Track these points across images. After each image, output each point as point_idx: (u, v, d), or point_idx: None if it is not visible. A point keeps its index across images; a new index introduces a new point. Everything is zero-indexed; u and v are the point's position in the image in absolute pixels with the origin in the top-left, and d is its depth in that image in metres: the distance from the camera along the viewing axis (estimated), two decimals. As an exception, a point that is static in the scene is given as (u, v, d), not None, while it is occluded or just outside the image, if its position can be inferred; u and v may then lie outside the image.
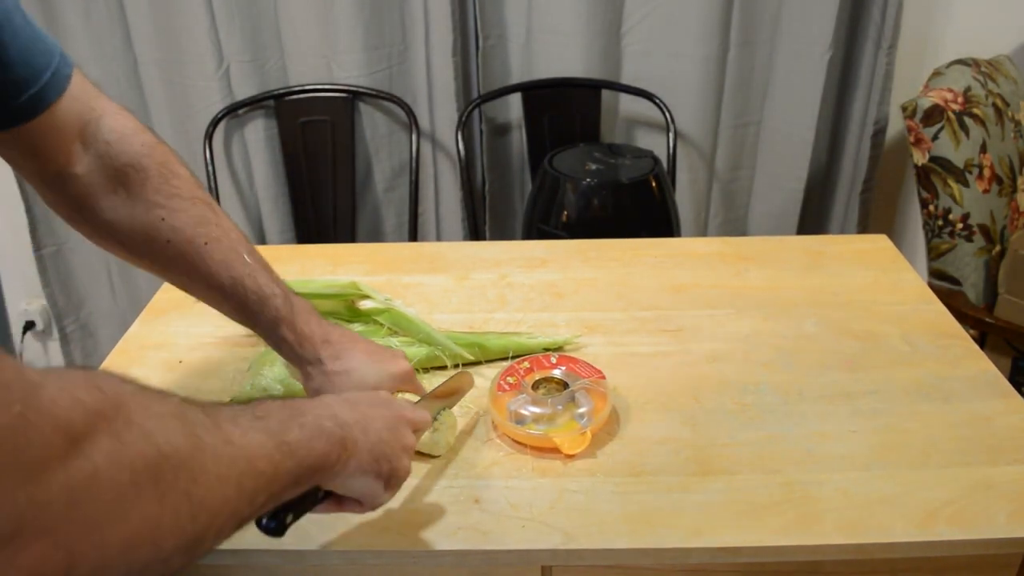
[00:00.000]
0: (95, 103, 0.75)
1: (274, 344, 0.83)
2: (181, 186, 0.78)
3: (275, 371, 0.96)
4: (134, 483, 0.42)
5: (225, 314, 0.83)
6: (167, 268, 0.81)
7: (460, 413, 0.92)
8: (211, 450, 0.48)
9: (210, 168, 1.83)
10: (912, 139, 1.62)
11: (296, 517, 0.61)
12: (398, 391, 0.85)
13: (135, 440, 0.42)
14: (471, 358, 1.01)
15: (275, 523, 0.59)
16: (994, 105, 1.67)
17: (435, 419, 0.84)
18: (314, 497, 0.63)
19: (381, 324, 1.04)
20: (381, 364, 0.84)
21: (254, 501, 0.52)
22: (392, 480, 0.68)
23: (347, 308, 1.05)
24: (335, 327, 0.85)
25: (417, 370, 0.97)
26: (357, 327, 1.03)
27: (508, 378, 0.93)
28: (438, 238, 2.06)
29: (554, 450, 0.85)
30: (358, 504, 0.67)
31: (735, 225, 2.09)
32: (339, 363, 0.82)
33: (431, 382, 0.97)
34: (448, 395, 0.88)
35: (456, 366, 1.00)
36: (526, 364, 0.95)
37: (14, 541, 0.36)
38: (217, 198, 1.85)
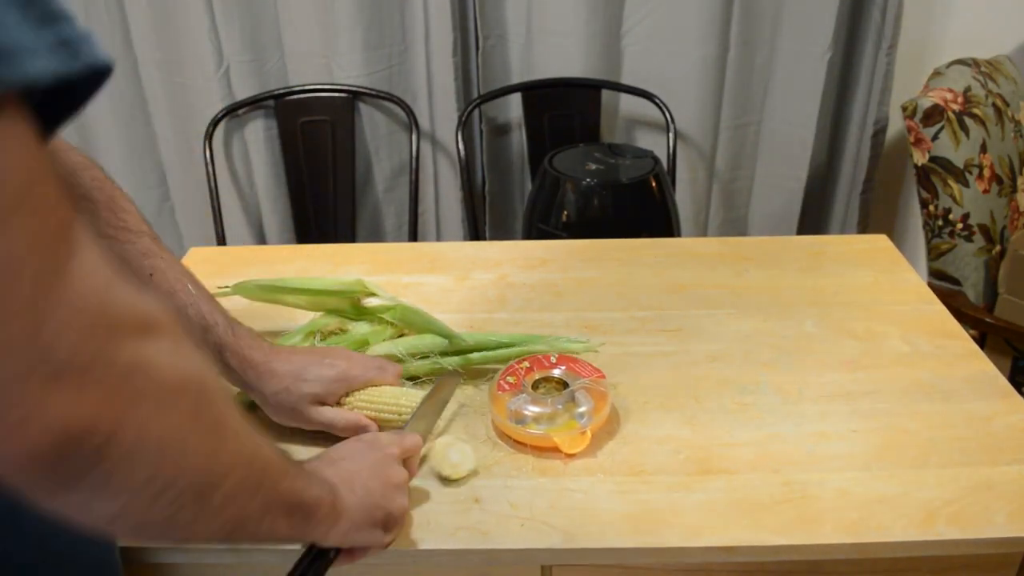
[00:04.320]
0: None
1: (219, 371, 0.83)
2: (128, 220, 0.79)
3: None
4: (181, 389, 0.45)
5: None
6: None
7: (448, 417, 0.92)
8: (235, 425, 0.50)
9: (210, 168, 1.83)
10: (912, 139, 1.62)
11: None
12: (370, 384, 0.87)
13: (189, 360, 0.46)
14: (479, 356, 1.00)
15: None
16: (994, 105, 1.67)
17: (427, 434, 0.84)
18: (327, 558, 0.66)
19: (387, 322, 1.03)
20: (318, 369, 0.85)
21: (260, 486, 0.53)
22: (390, 523, 0.70)
23: (352, 306, 1.05)
24: (277, 350, 0.85)
25: (419, 377, 0.97)
26: (363, 326, 1.03)
27: (508, 378, 0.93)
28: (438, 238, 2.06)
29: (554, 449, 0.85)
30: (365, 551, 0.69)
31: (735, 225, 2.09)
32: (275, 381, 0.83)
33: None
34: (436, 406, 0.88)
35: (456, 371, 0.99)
36: (526, 364, 0.95)
37: (79, 378, 0.38)
38: (217, 198, 1.85)
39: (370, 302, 1.05)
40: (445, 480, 0.83)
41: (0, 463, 0.38)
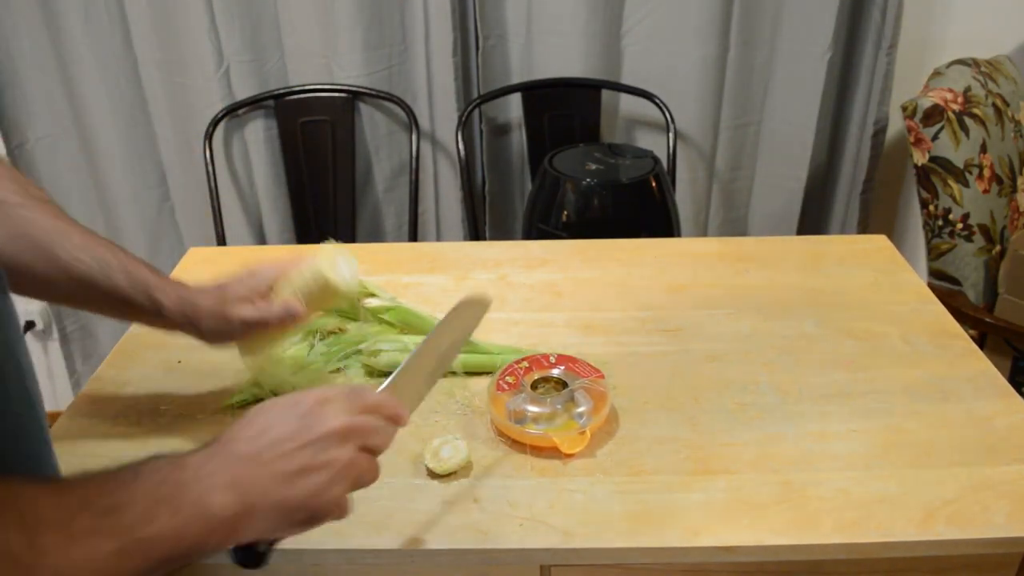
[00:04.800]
0: None
1: (153, 318, 0.83)
2: (36, 191, 0.79)
3: (277, 373, 0.96)
4: None
5: (91, 303, 0.82)
6: (28, 266, 0.77)
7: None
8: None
9: (210, 168, 1.83)
10: (912, 139, 1.62)
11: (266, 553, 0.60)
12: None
13: None
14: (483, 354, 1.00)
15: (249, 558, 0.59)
16: (994, 105, 1.67)
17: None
18: (255, 551, 0.59)
19: (388, 323, 1.03)
20: (236, 279, 0.86)
21: None
22: (316, 520, 0.59)
23: (352, 307, 1.05)
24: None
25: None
26: (363, 326, 1.03)
27: (507, 377, 0.93)
28: (438, 238, 2.06)
29: (553, 449, 0.85)
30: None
31: (735, 225, 2.09)
32: (206, 296, 0.84)
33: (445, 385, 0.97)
34: (434, 354, 0.75)
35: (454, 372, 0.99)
36: (525, 364, 0.94)
37: None
38: (217, 198, 1.85)
39: (370, 302, 1.05)
40: (433, 475, 0.83)
41: None
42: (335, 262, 0.87)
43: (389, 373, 0.96)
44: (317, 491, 0.58)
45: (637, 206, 1.69)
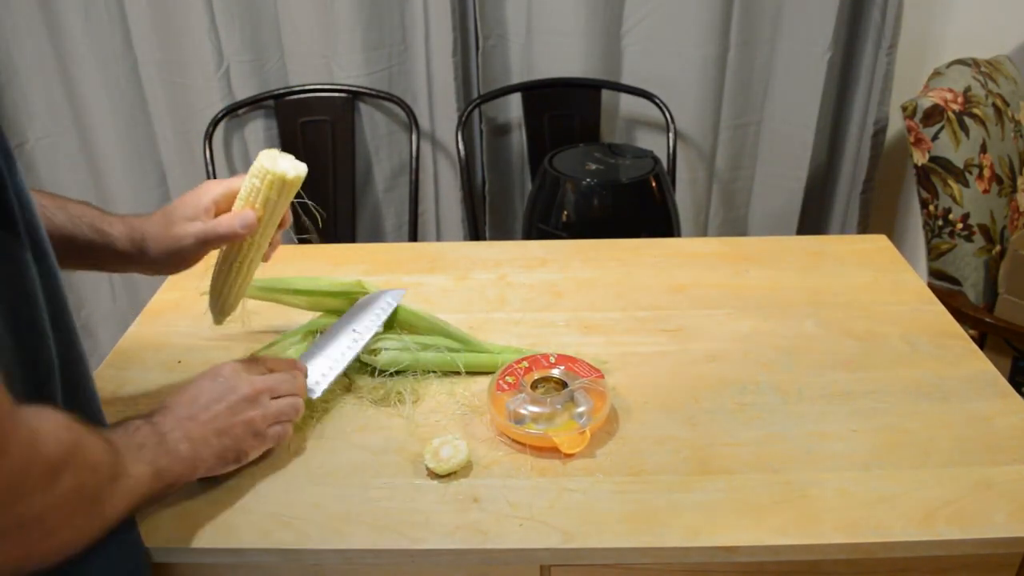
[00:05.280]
0: None
1: (97, 243, 0.84)
2: None
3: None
4: (79, 506, 0.59)
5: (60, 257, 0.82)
6: None
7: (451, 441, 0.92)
8: (120, 482, 0.66)
9: (210, 168, 1.83)
10: (912, 139, 1.62)
11: None
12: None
13: (85, 474, 0.60)
14: (487, 352, 1.01)
15: None
16: (994, 105, 1.67)
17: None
18: None
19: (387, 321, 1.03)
20: (165, 221, 0.86)
21: (129, 514, 0.69)
22: (241, 459, 0.80)
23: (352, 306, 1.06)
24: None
25: (431, 372, 0.97)
26: None
27: (507, 377, 0.93)
28: (438, 238, 2.06)
29: (553, 449, 0.85)
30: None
31: (735, 225, 2.09)
32: (152, 221, 0.87)
33: (445, 385, 0.97)
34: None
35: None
36: (524, 364, 0.94)
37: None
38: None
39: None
40: (434, 475, 0.83)
41: None
42: (275, 157, 0.86)
43: (388, 371, 0.97)
44: (237, 441, 0.79)
45: (637, 206, 1.69)
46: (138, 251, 0.85)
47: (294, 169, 0.85)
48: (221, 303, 0.92)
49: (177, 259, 0.86)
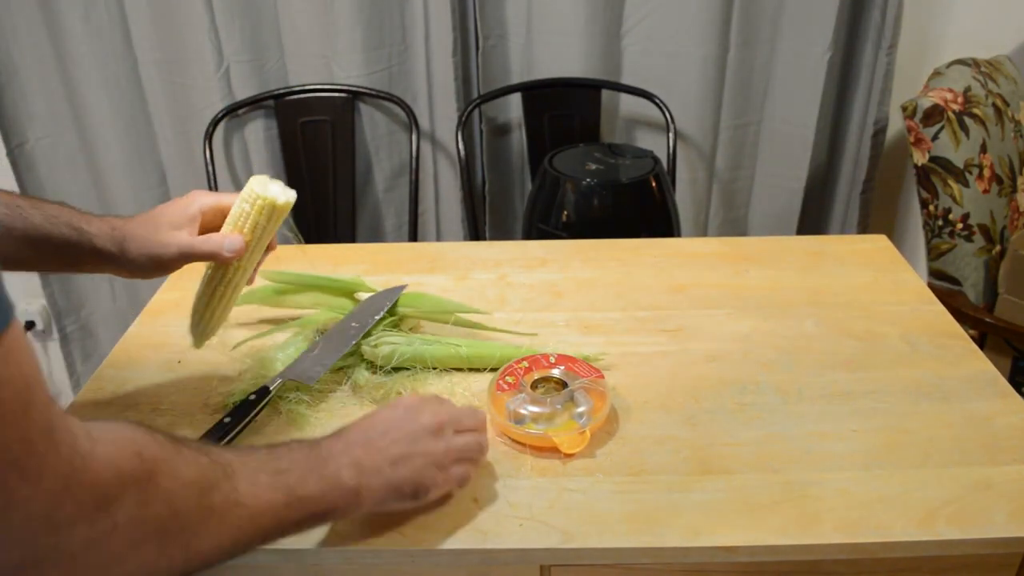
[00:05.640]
0: None
1: (74, 240, 0.82)
2: None
3: (275, 370, 0.96)
4: (144, 538, 0.52)
5: (16, 255, 0.81)
6: None
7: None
8: (219, 513, 0.58)
9: (210, 168, 1.83)
10: (912, 139, 1.62)
11: None
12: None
13: (156, 505, 0.53)
14: (490, 328, 1.03)
15: None
16: (994, 105, 1.67)
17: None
18: None
19: (387, 316, 1.04)
20: (153, 226, 0.85)
21: (249, 546, 0.62)
22: (421, 492, 0.73)
23: (354, 303, 1.06)
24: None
25: (431, 369, 0.98)
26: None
27: (507, 377, 0.93)
28: (438, 238, 2.06)
29: (553, 449, 0.85)
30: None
31: (735, 225, 2.09)
32: (135, 223, 0.85)
33: (445, 384, 0.97)
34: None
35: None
36: (524, 364, 0.94)
37: (32, 572, 0.46)
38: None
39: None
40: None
41: None
42: (266, 183, 0.86)
43: (388, 368, 0.97)
44: (417, 473, 0.72)
45: (637, 206, 1.69)
46: (118, 251, 0.83)
47: (284, 195, 0.86)
48: (203, 326, 0.91)
49: (156, 264, 0.84)
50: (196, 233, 0.85)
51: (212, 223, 0.87)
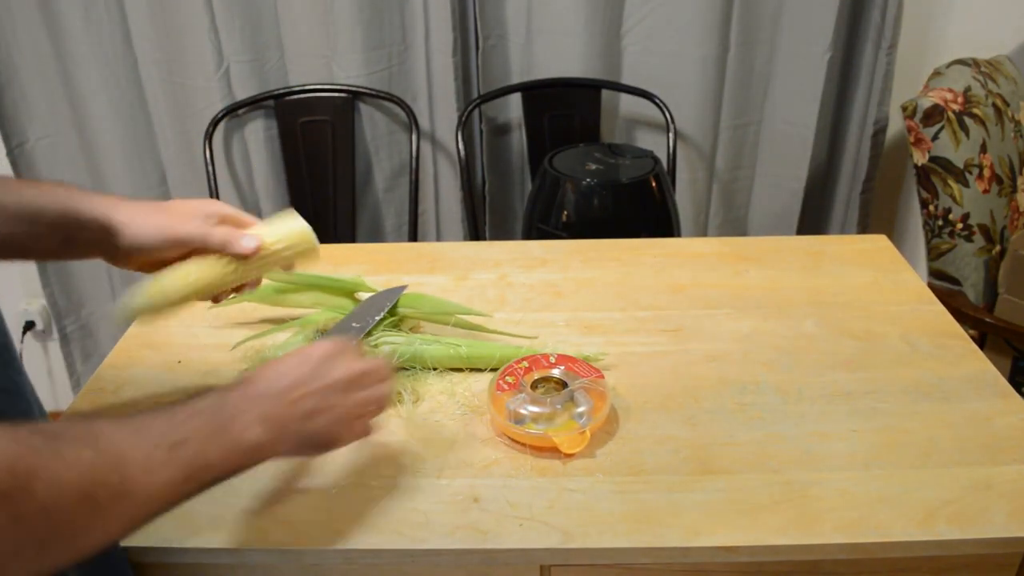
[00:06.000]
0: None
1: (63, 223, 0.79)
2: None
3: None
4: (22, 548, 0.49)
5: (31, 233, 0.78)
6: None
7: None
8: (105, 509, 0.55)
9: (210, 168, 1.83)
10: (912, 139, 1.62)
11: None
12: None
13: (33, 519, 0.50)
14: (490, 330, 1.03)
15: None
16: (994, 105, 1.67)
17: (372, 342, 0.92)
18: None
19: (388, 316, 1.04)
20: (166, 209, 0.83)
21: (145, 523, 0.59)
22: (328, 447, 0.73)
23: (355, 302, 1.06)
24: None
25: (431, 369, 0.98)
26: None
27: (507, 377, 0.93)
28: (438, 238, 2.06)
29: (553, 449, 0.85)
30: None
31: (735, 225, 2.09)
32: (133, 222, 0.81)
33: (445, 385, 0.97)
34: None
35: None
36: (524, 364, 0.94)
37: None
38: (217, 198, 1.85)
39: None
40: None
41: None
42: (291, 218, 0.86)
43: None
44: (328, 427, 0.72)
45: (637, 206, 1.69)
46: (126, 219, 0.80)
47: (318, 252, 0.87)
48: (160, 301, 0.85)
49: (158, 243, 0.81)
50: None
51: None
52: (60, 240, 0.80)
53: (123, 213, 0.81)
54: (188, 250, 0.84)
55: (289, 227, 0.86)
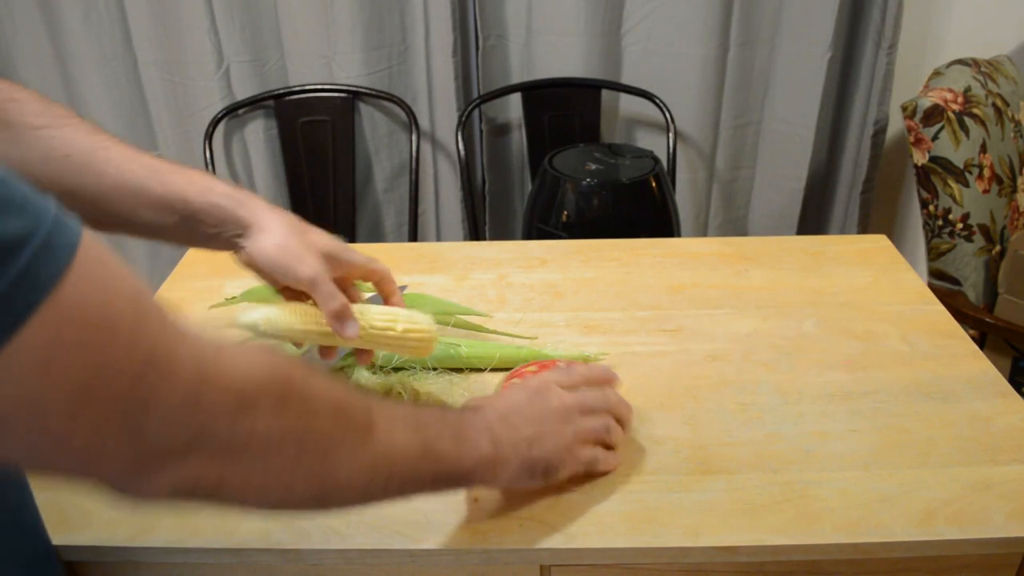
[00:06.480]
0: None
1: (204, 217, 0.76)
2: (62, 110, 0.74)
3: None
4: (282, 444, 0.52)
5: (138, 218, 0.75)
6: (77, 188, 0.72)
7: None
8: (354, 437, 0.58)
9: (210, 168, 1.83)
10: (912, 139, 1.62)
11: None
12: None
13: (291, 416, 0.53)
14: (490, 330, 1.03)
15: None
16: (994, 105, 1.67)
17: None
18: None
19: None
20: (301, 236, 0.80)
21: (385, 492, 0.62)
22: (551, 472, 0.74)
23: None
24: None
25: (431, 369, 0.98)
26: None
27: (514, 380, 0.92)
28: (438, 238, 2.06)
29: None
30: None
31: (735, 225, 2.09)
32: (264, 234, 0.78)
33: (444, 384, 0.97)
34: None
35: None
36: (533, 368, 0.94)
37: (184, 458, 0.47)
38: (217, 198, 1.85)
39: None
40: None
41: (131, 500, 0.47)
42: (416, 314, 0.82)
43: (387, 367, 0.97)
44: (550, 454, 0.73)
45: (637, 206, 1.69)
46: (247, 230, 0.77)
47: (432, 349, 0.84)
48: (268, 327, 0.82)
49: (270, 265, 0.77)
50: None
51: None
52: (198, 232, 0.78)
53: (264, 220, 0.78)
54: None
55: (414, 318, 0.83)
